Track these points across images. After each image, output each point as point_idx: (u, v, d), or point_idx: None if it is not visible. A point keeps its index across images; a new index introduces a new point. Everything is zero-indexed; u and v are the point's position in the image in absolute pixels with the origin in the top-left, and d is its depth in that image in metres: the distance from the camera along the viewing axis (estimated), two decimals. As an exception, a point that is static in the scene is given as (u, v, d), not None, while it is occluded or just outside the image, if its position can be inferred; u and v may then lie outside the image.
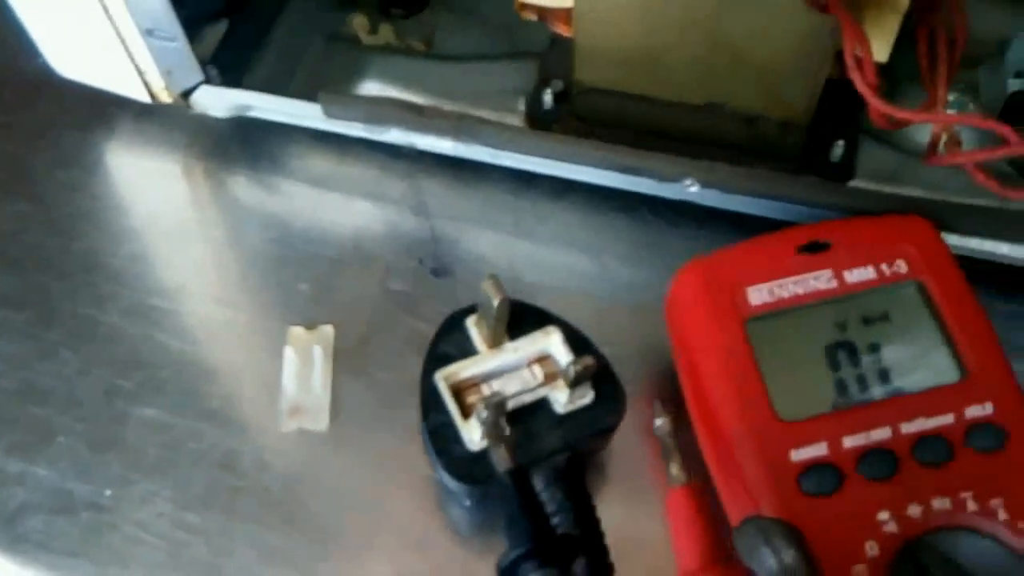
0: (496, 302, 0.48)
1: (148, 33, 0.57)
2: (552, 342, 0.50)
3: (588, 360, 0.47)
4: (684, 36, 0.54)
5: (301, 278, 0.60)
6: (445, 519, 0.52)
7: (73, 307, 0.60)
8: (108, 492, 0.53)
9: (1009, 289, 0.57)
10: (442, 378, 0.49)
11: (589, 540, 0.46)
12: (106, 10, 0.56)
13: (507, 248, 0.61)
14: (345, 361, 0.57)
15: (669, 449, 0.45)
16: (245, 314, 0.59)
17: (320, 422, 0.55)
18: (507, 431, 0.47)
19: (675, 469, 0.43)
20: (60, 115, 0.68)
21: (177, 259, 0.62)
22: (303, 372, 0.56)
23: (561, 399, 0.49)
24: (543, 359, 0.51)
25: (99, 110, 0.67)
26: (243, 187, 0.64)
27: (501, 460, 0.46)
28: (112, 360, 0.57)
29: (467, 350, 0.51)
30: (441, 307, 0.54)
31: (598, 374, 0.49)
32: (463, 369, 0.50)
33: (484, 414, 0.46)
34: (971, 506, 0.43)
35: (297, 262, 0.61)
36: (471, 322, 0.51)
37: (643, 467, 0.53)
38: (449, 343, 0.51)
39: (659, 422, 0.50)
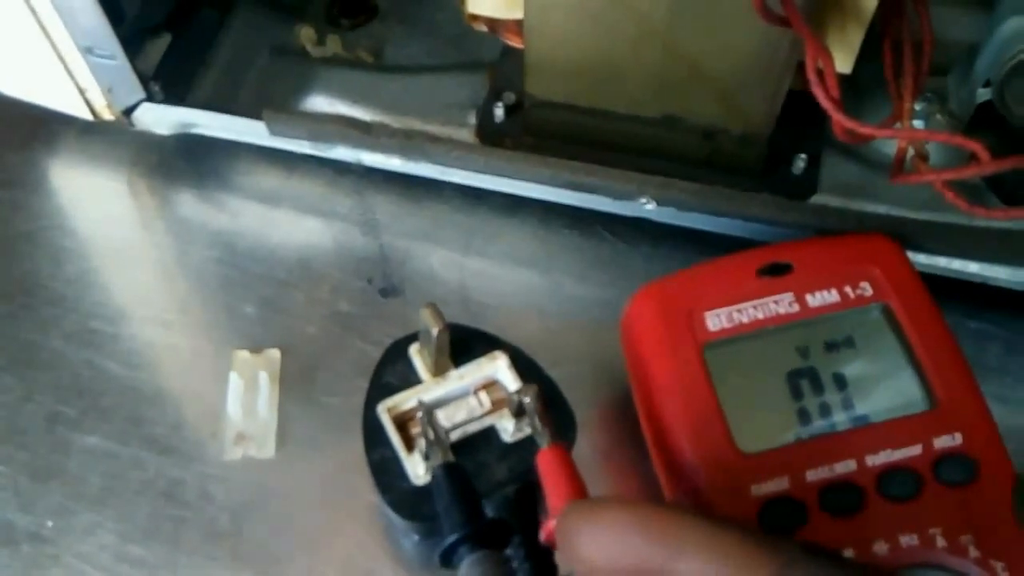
0: (435, 332, 0.45)
1: (87, 51, 0.56)
2: (498, 368, 0.48)
3: (533, 389, 0.44)
4: (639, 48, 0.52)
5: (247, 300, 0.57)
6: (392, 551, 0.50)
7: (14, 331, 0.57)
8: (50, 523, 0.51)
9: (977, 307, 0.55)
10: (385, 410, 0.47)
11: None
12: (43, 28, 0.54)
13: (457, 266, 0.59)
14: (292, 386, 0.54)
15: (535, 419, 0.42)
16: (189, 338, 0.57)
17: (266, 449, 0.52)
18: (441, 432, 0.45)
19: (543, 438, 0.41)
20: (1, 134, 0.65)
21: (120, 281, 0.59)
22: (248, 398, 0.53)
23: (508, 428, 0.47)
24: (490, 385, 0.48)
25: (42, 128, 0.65)
26: (189, 205, 0.62)
27: (436, 456, 0.44)
28: (54, 386, 0.55)
29: (411, 379, 0.48)
30: (390, 329, 0.54)
31: (547, 400, 0.45)
32: (406, 400, 0.47)
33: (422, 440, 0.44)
34: (940, 543, 0.40)
35: (243, 283, 0.58)
36: (414, 350, 0.49)
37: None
38: (392, 373, 0.49)
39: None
